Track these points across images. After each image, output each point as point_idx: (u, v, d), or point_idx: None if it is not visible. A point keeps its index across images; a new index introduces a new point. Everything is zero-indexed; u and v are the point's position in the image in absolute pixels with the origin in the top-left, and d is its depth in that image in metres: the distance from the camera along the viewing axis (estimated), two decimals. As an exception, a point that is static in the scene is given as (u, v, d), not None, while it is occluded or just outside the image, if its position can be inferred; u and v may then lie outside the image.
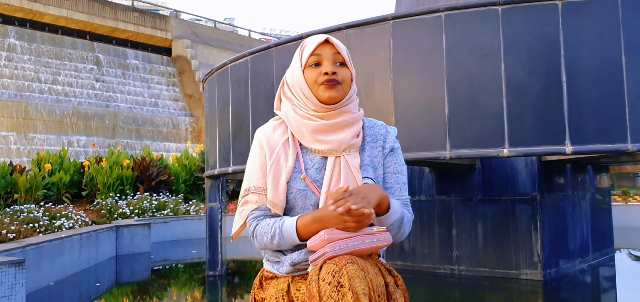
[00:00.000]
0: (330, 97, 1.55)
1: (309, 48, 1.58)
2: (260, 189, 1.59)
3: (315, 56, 1.57)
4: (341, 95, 1.56)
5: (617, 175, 14.19)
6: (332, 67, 1.55)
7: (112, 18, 20.81)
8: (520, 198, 4.85)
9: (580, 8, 3.26)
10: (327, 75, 1.54)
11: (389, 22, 3.65)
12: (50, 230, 6.98)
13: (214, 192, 5.62)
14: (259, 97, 4.51)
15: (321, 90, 1.55)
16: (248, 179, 1.63)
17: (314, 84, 1.56)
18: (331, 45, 1.58)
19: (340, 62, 1.57)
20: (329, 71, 1.54)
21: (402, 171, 1.65)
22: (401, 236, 1.60)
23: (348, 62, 1.59)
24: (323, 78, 1.54)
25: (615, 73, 3.21)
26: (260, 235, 1.55)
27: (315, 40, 1.58)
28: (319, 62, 1.57)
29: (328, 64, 1.56)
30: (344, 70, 1.57)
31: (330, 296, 1.31)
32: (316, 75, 1.56)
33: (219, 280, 5.44)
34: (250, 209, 1.59)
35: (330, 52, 1.57)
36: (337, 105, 1.56)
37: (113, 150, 11.50)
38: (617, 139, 3.19)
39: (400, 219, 1.55)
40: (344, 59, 1.58)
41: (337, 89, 1.55)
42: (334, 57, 1.57)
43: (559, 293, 4.61)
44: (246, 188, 1.62)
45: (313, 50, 1.57)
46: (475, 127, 3.39)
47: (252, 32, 30.17)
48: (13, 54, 17.99)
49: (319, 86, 1.55)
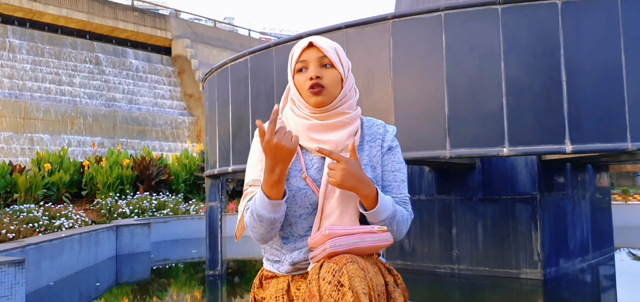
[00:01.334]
0: (317, 102, 1.55)
1: (296, 54, 1.59)
2: (257, 181, 1.59)
3: (301, 62, 1.58)
4: (328, 99, 1.56)
5: (617, 174, 14.19)
6: (316, 71, 1.55)
7: (111, 17, 20.80)
8: (520, 197, 4.85)
9: (580, 7, 3.26)
10: (311, 79, 1.54)
11: (388, 22, 3.65)
12: (50, 230, 6.98)
13: (214, 192, 5.62)
14: (259, 96, 4.51)
15: (308, 96, 1.56)
16: (248, 173, 1.64)
17: (302, 88, 1.57)
18: (316, 48, 1.57)
19: (327, 64, 1.57)
20: (313, 76, 1.54)
21: (400, 169, 1.64)
22: (397, 234, 1.57)
23: (336, 62, 1.57)
24: (308, 82, 1.55)
25: (615, 72, 3.21)
26: (247, 220, 1.54)
27: (300, 45, 1.59)
28: (305, 67, 1.58)
29: (313, 68, 1.56)
30: (330, 71, 1.56)
31: (330, 295, 1.31)
32: (303, 81, 1.57)
33: (219, 279, 5.44)
34: (247, 200, 1.59)
35: (315, 55, 1.56)
36: (330, 107, 1.56)
37: (113, 150, 11.50)
38: (617, 138, 3.19)
39: (392, 216, 1.53)
40: (331, 60, 1.56)
41: (323, 93, 1.55)
42: (320, 60, 1.56)
43: (559, 292, 4.61)
44: (246, 182, 1.63)
45: (299, 56, 1.58)
46: (475, 127, 3.39)
47: (252, 31, 30.16)
48: (13, 53, 17.99)
49: (306, 91, 1.56)
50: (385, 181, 1.62)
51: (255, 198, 1.51)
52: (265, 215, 1.49)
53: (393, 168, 1.63)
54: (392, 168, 1.63)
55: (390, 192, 1.61)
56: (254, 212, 1.50)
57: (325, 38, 1.62)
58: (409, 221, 1.62)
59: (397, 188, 1.62)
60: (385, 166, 1.63)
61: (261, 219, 1.50)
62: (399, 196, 1.62)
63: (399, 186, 1.62)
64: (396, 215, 1.55)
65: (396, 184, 1.62)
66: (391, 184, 1.62)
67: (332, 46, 1.59)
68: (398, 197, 1.61)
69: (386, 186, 1.61)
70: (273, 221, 1.51)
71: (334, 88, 1.56)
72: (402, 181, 1.63)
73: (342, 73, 1.58)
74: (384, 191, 1.60)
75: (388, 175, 1.62)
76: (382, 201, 1.50)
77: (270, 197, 1.47)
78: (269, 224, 1.51)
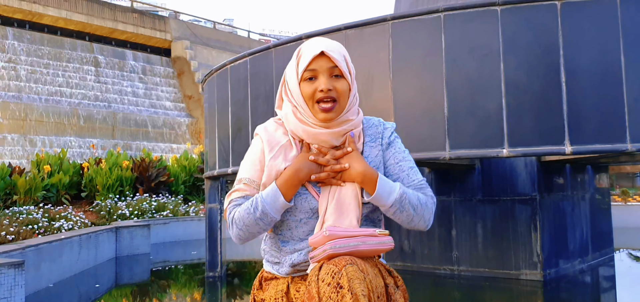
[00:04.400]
0: (327, 118, 1.51)
1: (304, 60, 1.53)
2: (253, 182, 1.57)
3: (310, 71, 1.52)
4: (337, 113, 1.52)
5: (616, 175, 14.20)
6: (327, 83, 1.50)
7: (111, 19, 20.80)
8: (519, 198, 4.84)
9: (580, 8, 3.26)
10: (322, 92, 1.50)
11: (388, 23, 3.65)
12: (49, 231, 6.97)
13: (214, 193, 5.62)
14: (258, 98, 4.51)
15: (317, 110, 1.51)
16: (242, 170, 1.61)
17: (309, 98, 1.52)
18: (327, 58, 1.51)
19: (337, 75, 1.52)
20: (324, 88, 1.49)
21: (404, 158, 1.61)
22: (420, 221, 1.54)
23: (345, 72, 1.53)
24: (319, 95, 1.50)
25: (614, 73, 3.21)
26: (240, 215, 1.51)
27: (311, 52, 1.52)
28: (314, 76, 1.52)
29: (324, 79, 1.51)
30: (340, 82, 1.52)
31: (329, 297, 1.31)
32: (312, 91, 1.51)
33: (219, 281, 5.43)
34: (237, 195, 1.57)
35: (326, 65, 1.51)
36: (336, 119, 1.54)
37: (112, 151, 11.50)
38: (617, 139, 3.19)
39: (401, 199, 1.49)
40: (341, 70, 1.52)
41: (334, 110, 1.51)
42: (330, 70, 1.51)
43: (559, 293, 4.61)
44: (238, 179, 1.60)
45: (308, 64, 1.52)
46: (475, 128, 3.39)
47: (252, 32, 30.18)
48: (12, 55, 17.99)
49: (314, 103, 1.52)
50: (393, 174, 1.59)
51: (265, 195, 1.49)
52: (271, 214, 1.49)
53: (397, 159, 1.60)
54: (395, 160, 1.60)
55: (402, 183, 1.57)
56: (259, 208, 1.49)
57: (334, 43, 1.56)
58: (429, 204, 1.56)
59: (407, 177, 1.58)
60: (388, 161, 1.61)
61: (264, 217, 1.49)
62: (412, 183, 1.57)
63: (408, 174, 1.59)
64: (408, 199, 1.51)
65: (404, 173, 1.59)
66: (400, 175, 1.58)
67: (342, 54, 1.55)
68: (412, 185, 1.57)
69: (396, 180, 1.58)
70: (271, 222, 1.51)
71: (344, 100, 1.53)
72: (410, 168, 1.60)
73: (350, 82, 1.55)
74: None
75: (394, 168, 1.60)
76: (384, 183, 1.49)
77: (286, 196, 1.49)
78: (266, 225, 1.51)
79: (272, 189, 1.49)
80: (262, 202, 1.49)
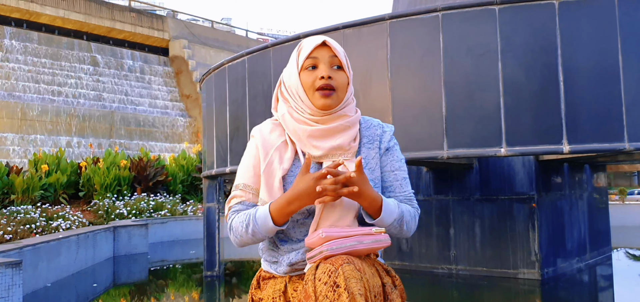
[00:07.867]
0: (325, 105, 1.53)
1: (306, 50, 1.56)
2: (249, 187, 1.58)
3: (311, 59, 1.55)
4: (336, 102, 1.54)
5: (614, 174, 14.22)
6: (328, 71, 1.53)
7: (109, 18, 20.78)
8: (517, 197, 4.85)
9: (577, 7, 3.26)
10: (322, 79, 1.52)
11: (386, 22, 3.65)
12: (47, 231, 6.96)
13: (212, 193, 5.62)
14: (256, 97, 4.50)
15: (316, 97, 1.53)
16: (239, 176, 1.63)
17: (309, 87, 1.54)
18: (328, 47, 1.55)
19: (337, 66, 1.55)
20: (325, 75, 1.52)
21: (400, 168, 1.63)
22: (407, 232, 1.59)
23: (345, 65, 1.57)
24: (319, 83, 1.52)
25: (612, 72, 3.21)
26: (236, 226, 1.54)
27: (313, 42, 1.56)
28: (315, 65, 1.55)
29: (324, 67, 1.54)
30: (340, 74, 1.55)
31: (326, 296, 1.30)
32: (312, 79, 1.54)
33: (217, 280, 5.43)
34: (235, 202, 1.59)
35: (328, 55, 1.55)
36: (333, 110, 1.55)
37: (110, 150, 11.48)
38: (614, 139, 3.19)
39: (400, 217, 1.54)
40: (341, 62, 1.55)
41: (333, 97, 1.53)
42: (331, 60, 1.55)
43: (557, 292, 4.61)
44: (236, 185, 1.62)
45: (310, 52, 1.55)
46: (473, 127, 3.39)
47: (250, 32, 30.17)
48: (9, 54, 17.95)
49: (314, 91, 1.53)
50: (387, 181, 1.61)
51: (257, 216, 1.50)
52: (261, 235, 1.52)
53: (393, 168, 1.62)
54: (391, 168, 1.62)
55: (393, 191, 1.60)
56: (250, 227, 1.51)
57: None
58: (416, 216, 1.62)
59: (399, 187, 1.61)
60: (384, 167, 1.62)
61: (255, 235, 1.52)
62: (403, 194, 1.61)
63: (401, 185, 1.62)
64: (403, 215, 1.55)
65: (398, 183, 1.61)
66: (392, 184, 1.61)
67: (342, 50, 1.59)
68: (402, 196, 1.60)
69: (388, 187, 1.60)
70: (263, 239, 1.55)
71: (342, 91, 1.56)
72: (403, 179, 1.62)
73: (349, 77, 1.58)
74: (386, 191, 1.59)
75: (388, 175, 1.61)
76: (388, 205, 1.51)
77: (277, 223, 1.48)
78: (259, 240, 1.55)
79: (264, 212, 1.50)
80: (254, 222, 1.51)
